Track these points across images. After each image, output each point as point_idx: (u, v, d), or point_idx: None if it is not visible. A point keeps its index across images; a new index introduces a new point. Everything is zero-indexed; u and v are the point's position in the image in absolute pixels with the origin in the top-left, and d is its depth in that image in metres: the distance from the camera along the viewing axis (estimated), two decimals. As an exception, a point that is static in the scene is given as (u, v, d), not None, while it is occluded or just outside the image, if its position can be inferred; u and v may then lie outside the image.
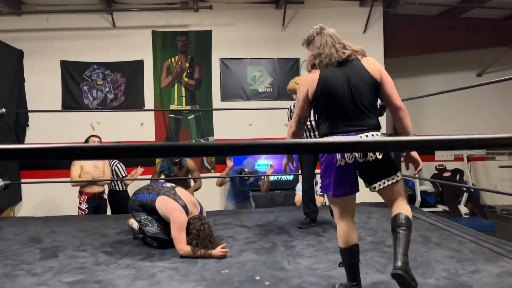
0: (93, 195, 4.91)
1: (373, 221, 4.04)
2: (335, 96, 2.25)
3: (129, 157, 0.95)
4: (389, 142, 1.05)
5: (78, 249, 3.37)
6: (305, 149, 1.05)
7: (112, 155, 0.99)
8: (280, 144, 0.98)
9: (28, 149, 0.92)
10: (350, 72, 2.27)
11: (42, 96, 6.59)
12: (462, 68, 8.64)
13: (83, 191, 4.91)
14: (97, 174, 4.91)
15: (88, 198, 4.87)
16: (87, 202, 4.86)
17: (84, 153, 0.97)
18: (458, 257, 2.93)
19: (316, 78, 2.28)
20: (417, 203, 7.73)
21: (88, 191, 4.90)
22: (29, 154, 0.93)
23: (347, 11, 7.17)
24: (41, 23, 6.63)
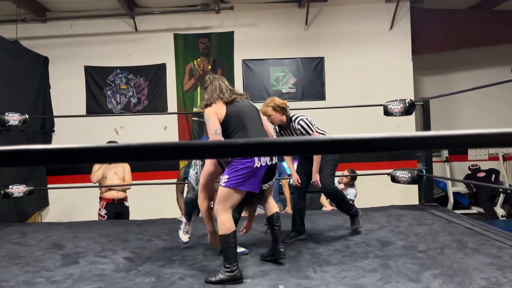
0: (112, 201, 4.85)
1: (404, 224, 3.84)
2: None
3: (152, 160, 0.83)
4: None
5: (99, 255, 3.32)
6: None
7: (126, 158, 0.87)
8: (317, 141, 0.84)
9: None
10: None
11: (67, 102, 6.65)
12: (495, 63, 8.24)
13: (103, 196, 4.87)
14: (116, 180, 4.87)
15: (107, 204, 4.82)
16: (106, 208, 4.81)
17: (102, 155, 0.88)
18: (498, 264, 2.71)
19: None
20: (450, 205, 7.41)
21: (107, 197, 4.85)
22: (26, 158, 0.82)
23: (372, 8, 6.95)
24: (65, 29, 6.70)
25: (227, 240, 2.73)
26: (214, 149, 0.86)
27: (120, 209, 4.89)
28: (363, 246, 3.26)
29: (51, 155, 0.83)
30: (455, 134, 0.80)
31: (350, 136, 0.80)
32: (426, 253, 3.02)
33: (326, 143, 0.84)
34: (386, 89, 6.39)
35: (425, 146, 0.94)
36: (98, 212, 4.89)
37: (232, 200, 2.81)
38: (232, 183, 2.76)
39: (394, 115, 4.33)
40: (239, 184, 2.76)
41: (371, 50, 6.89)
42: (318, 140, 0.83)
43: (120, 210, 4.89)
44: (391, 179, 4.52)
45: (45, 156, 0.82)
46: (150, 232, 4.01)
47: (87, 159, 0.88)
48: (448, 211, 4.46)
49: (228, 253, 2.71)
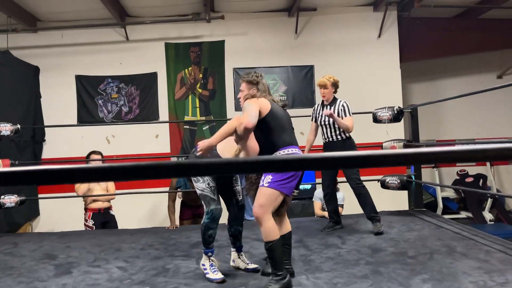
0: (98, 211, 4.84)
1: (394, 231, 3.90)
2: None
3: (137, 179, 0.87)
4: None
5: (92, 265, 3.33)
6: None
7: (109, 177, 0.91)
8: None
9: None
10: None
11: (58, 111, 6.65)
12: (481, 70, 8.41)
13: (88, 207, 4.85)
14: (99, 190, 4.87)
15: (93, 214, 4.81)
16: (93, 219, 4.80)
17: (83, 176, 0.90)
18: (486, 268, 2.77)
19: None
20: (439, 210, 7.51)
21: (93, 207, 4.83)
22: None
23: (360, 17, 7.07)
24: (56, 39, 6.71)
25: (278, 246, 2.62)
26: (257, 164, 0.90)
27: (106, 218, 4.89)
28: (355, 253, 3.31)
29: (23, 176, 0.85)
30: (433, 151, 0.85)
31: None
32: (416, 258, 3.08)
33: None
34: (375, 96, 6.48)
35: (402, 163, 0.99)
36: (85, 223, 4.86)
37: (275, 203, 2.66)
38: (279, 184, 2.62)
39: (383, 122, 4.41)
40: (283, 185, 2.63)
41: (360, 58, 7.00)
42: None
43: (106, 219, 4.89)
44: (381, 185, 4.59)
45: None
46: (143, 241, 4.02)
47: (71, 179, 0.90)
48: (437, 216, 4.53)
49: (278, 260, 2.61)
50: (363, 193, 3.93)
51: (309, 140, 4.18)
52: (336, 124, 3.90)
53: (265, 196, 2.64)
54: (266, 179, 2.66)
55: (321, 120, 4.02)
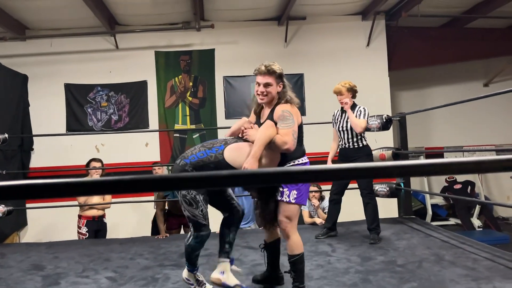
0: (92, 219, 4.83)
1: (384, 239, 3.92)
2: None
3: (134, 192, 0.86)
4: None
5: (81, 275, 3.30)
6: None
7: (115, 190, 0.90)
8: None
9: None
10: None
11: (47, 120, 6.60)
12: (468, 78, 8.55)
13: (82, 214, 4.84)
14: (96, 198, 4.85)
15: (87, 222, 4.80)
16: (87, 226, 4.79)
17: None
18: (473, 276, 2.80)
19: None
20: (428, 216, 7.58)
21: (87, 215, 4.83)
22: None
23: (349, 26, 7.15)
24: (45, 47, 6.68)
25: (302, 260, 2.65)
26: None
27: (100, 226, 4.88)
28: (344, 261, 3.32)
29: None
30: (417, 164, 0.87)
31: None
32: (405, 267, 3.10)
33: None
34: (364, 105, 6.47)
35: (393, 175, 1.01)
36: (78, 231, 4.84)
37: (298, 217, 2.71)
38: (303, 199, 2.66)
39: (372, 131, 4.44)
40: (304, 199, 2.69)
41: (349, 67, 7.06)
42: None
43: (100, 227, 4.88)
44: (371, 193, 4.61)
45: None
46: (132, 250, 3.99)
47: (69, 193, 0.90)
48: (426, 224, 4.56)
49: (302, 272, 2.63)
50: (372, 204, 3.95)
51: (333, 148, 4.25)
52: (353, 130, 3.94)
53: (294, 212, 2.63)
54: (292, 194, 2.59)
55: (338, 125, 4.07)
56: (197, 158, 2.59)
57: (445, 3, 6.75)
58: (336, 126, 4.11)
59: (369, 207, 3.95)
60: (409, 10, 6.57)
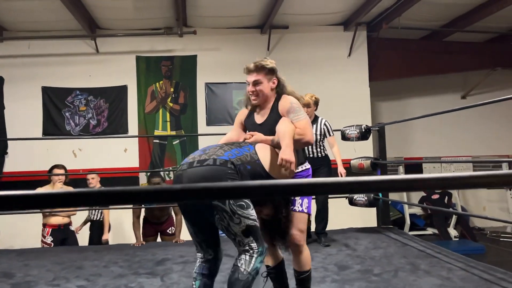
0: (58, 227, 4.70)
1: (361, 248, 3.92)
2: None
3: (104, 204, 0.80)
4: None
5: (51, 284, 3.20)
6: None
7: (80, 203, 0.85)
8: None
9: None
10: None
11: (23, 123, 6.46)
12: (446, 90, 8.71)
13: (47, 223, 4.69)
14: None
15: (52, 231, 4.66)
16: (52, 235, 4.65)
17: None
18: (447, 285, 2.82)
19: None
20: (407, 226, 7.64)
21: (52, 223, 4.68)
22: None
23: (331, 36, 7.22)
24: (23, 49, 6.55)
25: (311, 277, 2.49)
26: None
27: (66, 235, 4.75)
28: (321, 270, 3.30)
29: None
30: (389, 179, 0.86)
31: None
32: (381, 276, 3.10)
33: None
34: (345, 114, 6.59)
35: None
36: (43, 240, 4.69)
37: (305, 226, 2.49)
38: (310, 207, 2.47)
39: (351, 140, 4.47)
40: (310, 208, 2.49)
41: (331, 76, 7.13)
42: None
43: (66, 236, 4.74)
44: (349, 202, 4.63)
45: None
46: (107, 258, 3.89)
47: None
48: (403, 233, 4.59)
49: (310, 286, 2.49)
50: (325, 209, 4.19)
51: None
52: (319, 141, 4.10)
53: (303, 222, 2.39)
54: (304, 203, 2.38)
55: None
56: (235, 156, 2.11)
57: (425, 17, 6.88)
58: None
59: (323, 212, 4.17)
60: (389, 22, 6.68)
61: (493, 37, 7.95)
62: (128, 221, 4.97)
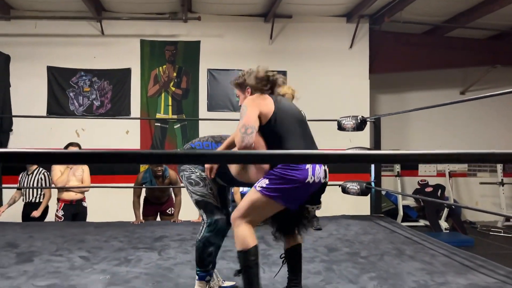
0: (70, 202, 4.88)
1: (351, 233, 4.10)
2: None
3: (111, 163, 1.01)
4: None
5: (54, 254, 3.37)
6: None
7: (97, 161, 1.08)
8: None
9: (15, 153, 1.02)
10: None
11: (28, 101, 6.59)
12: (446, 86, 8.81)
13: (61, 197, 4.89)
14: (75, 182, 4.90)
15: (64, 205, 4.85)
16: (64, 209, 4.84)
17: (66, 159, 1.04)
18: (429, 270, 2.98)
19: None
20: (399, 217, 7.81)
21: (65, 198, 4.88)
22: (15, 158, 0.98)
23: (334, 27, 7.31)
24: (30, 29, 6.65)
25: (247, 258, 2.23)
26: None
27: (78, 210, 4.93)
28: (311, 251, 3.47)
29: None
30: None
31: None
32: (367, 259, 3.27)
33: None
34: (344, 105, 6.71)
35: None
36: (56, 213, 4.89)
37: (262, 212, 2.28)
38: (272, 192, 2.19)
39: (347, 130, 4.61)
40: (279, 196, 2.20)
41: (331, 67, 7.23)
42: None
43: (78, 211, 4.93)
44: (342, 190, 4.79)
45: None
46: (108, 233, 4.07)
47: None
48: (393, 222, 4.76)
49: (248, 275, 2.24)
50: None
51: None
52: None
53: (250, 201, 2.25)
54: (261, 182, 2.24)
55: None
56: (202, 146, 2.54)
57: (427, 12, 6.96)
58: None
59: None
60: (392, 16, 6.76)
61: (494, 34, 8.02)
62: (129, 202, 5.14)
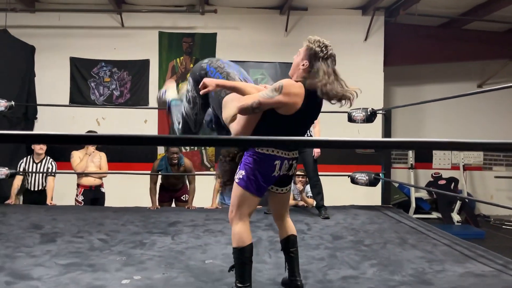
0: (89, 188, 5.13)
1: (357, 222, 4.22)
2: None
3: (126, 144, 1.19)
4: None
5: (76, 236, 3.61)
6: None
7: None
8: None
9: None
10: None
11: (51, 91, 6.86)
12: (462, 79, 8.75)
13: (80, 183, 5.14)
14: (93, 168, 5.14)
15: (84, 191, 5.10)
16: (83, 195, 5.09)
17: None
18: (428, 258, 3.10)
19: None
20: (412, 209, 7.88)
21: (84, 184, 5.12)
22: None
23: (349, 19, 7.35)
24: (53, 21, 6.91)
25: (242, 255, 2.35)
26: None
27: (96, 195, 5.17)
28: (317, 239, 3.62)
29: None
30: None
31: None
32: (370, 247, 3.40)
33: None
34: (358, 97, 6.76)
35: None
36: (75, 198, 5.15)
37: (249, 205, 2.38)
38: (247, 185, 2.32)
39: (356, 122, 4.71)
40: (254, 188, 2.33)
41: (346, 59, 7.19)
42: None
43: (96, 196, 5.17)
44: (351, 180, 4.90)
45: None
46: (125, 218, 4.29)
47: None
48: (400, 212, 4.85)
49: (241, 270, 2.35)
50: (319, 184, 4.52)
51: None
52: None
53: (236, 196, 2.37)
54: (238, 173, 2.36)
55: None
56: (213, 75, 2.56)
57: (443, 4, 6.95)
58: None
59: (318, 187, 4.49)
60: (407, 9, 6.78)
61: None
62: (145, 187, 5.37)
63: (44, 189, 5.19)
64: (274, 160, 2.32)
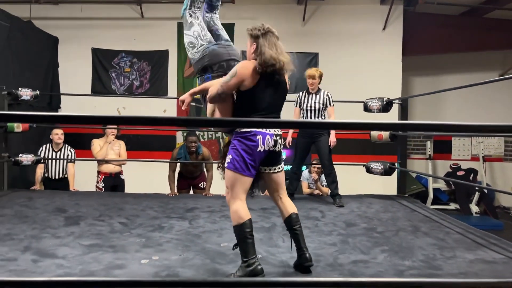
0: (109, 175, 5.29)
1: (371, 211, 4.27)
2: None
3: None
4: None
5: (98, 219, 3.76)
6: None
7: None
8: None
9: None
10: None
11: (74, 81, 7.07)
12: (483, 68, 8.60)
13: (101, 170, 5.30)
14: (113, 156, 5.29)
15: (104, 178, 5.27)
16: (104, 181, 5.25)
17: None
18: (440, 245, 3.14)
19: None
20: (429, 200, 7.85)
21: (105, 171, 5.29)
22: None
23: (367, 9, 7.32)
24: (76, 12, 7.09)
25: (242, 231, 2.46)
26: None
27: (116, 182, 5.33)
28: (330, 225, 3.70)
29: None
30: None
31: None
32: (383, 234, 3.46)
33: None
34: (375, 87, 6.75)
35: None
36: (96, 185, 5.32)
37: (241, 185, 2.52)
38: (237, 166, 2.49)
39: (372, 112, 4.73)
40: (242, 169, 2.50)
41: (364, 49, 7.27)
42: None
43: (116, 183, 5.33)
44: (366, 169, 4.94)
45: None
46: (144, 203, 4.44)
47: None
48: (415, 202, 4.87)
49: (244, 245, 2.46)
50: (334, 173, 4.58)
51: None
52: (322, 110, 4.51)
53: (228, 179, 2.55)
54: (227, 158, 2.56)
55: (306, 105, 4.53)
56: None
57: (464, -8, 6.84)
58: (304, 105, 4.58)
59: (332, 175, 4.55)
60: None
61: (536, 15, 7.76)
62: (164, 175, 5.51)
63: (64, 177, 5.32)
64: (255, 136, 2.50)
